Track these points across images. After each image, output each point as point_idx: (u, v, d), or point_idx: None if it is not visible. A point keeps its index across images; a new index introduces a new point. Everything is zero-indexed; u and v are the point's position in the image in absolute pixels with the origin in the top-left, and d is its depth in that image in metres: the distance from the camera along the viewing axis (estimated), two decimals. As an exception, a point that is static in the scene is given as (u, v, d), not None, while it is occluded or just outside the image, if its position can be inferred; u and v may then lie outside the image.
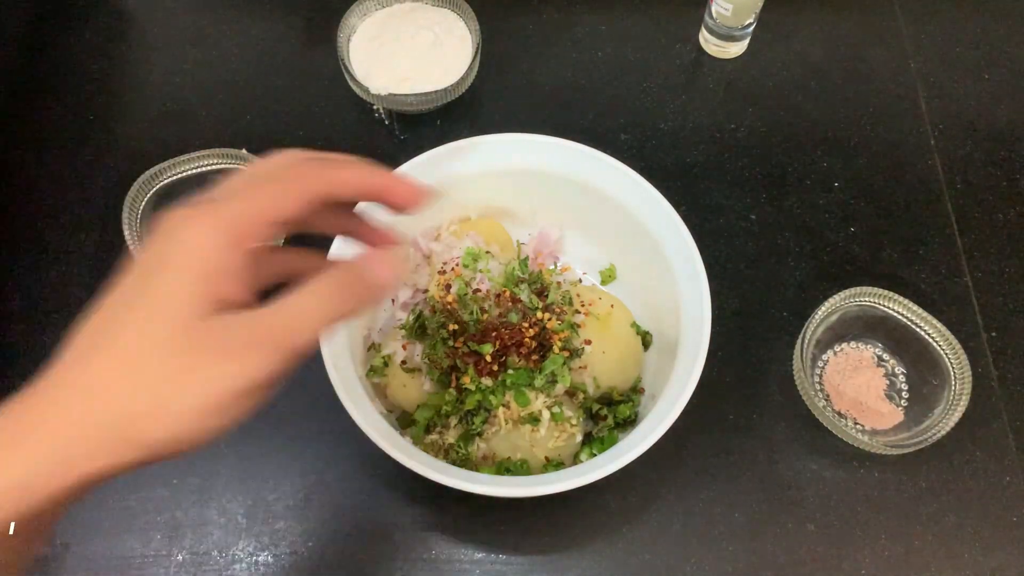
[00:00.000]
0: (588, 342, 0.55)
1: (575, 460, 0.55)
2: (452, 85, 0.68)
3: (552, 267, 0.62)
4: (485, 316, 0.55)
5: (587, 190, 0.58)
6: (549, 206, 0.62)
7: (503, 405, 0.53)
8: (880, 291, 0.60)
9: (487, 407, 0.53)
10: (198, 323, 0.29)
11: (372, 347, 0.58)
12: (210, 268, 0.30)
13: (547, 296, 0.57)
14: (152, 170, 0.64)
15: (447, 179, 0.58)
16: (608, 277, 0.63)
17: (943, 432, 0.55)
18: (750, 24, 0.73)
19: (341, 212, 0.37)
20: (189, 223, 0.30)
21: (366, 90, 0.68)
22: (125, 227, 0.62)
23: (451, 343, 0.55)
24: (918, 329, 0.59)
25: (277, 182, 0.33)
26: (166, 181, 0.64)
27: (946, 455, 0.59)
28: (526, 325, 0.54)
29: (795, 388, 0.59)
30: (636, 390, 0.58)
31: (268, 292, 0.32)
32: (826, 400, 0.60)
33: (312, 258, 0.37)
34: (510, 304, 0.56)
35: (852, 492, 0.57)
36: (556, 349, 0.54)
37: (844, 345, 0.62)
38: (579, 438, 0.55)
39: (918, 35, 0.78)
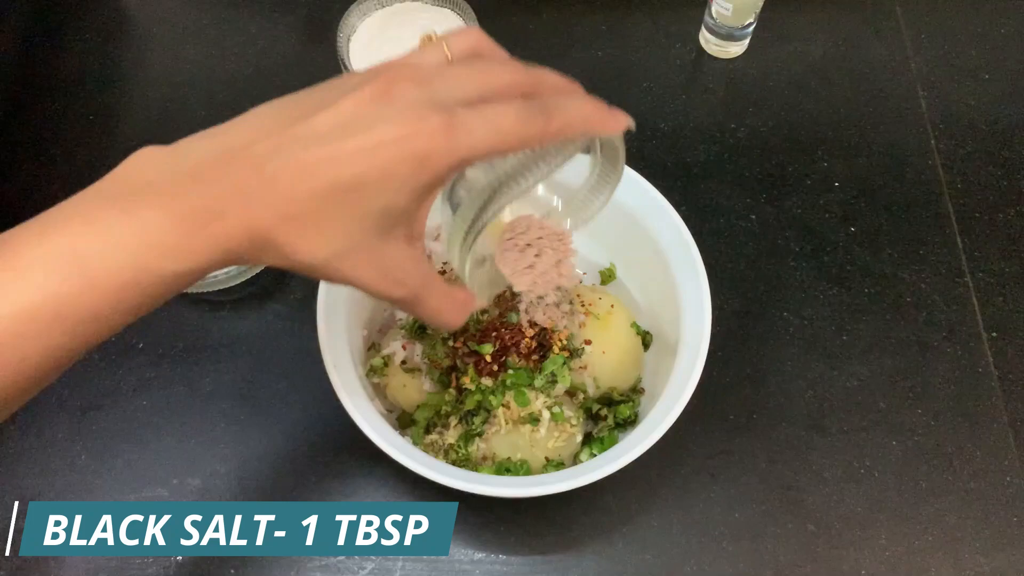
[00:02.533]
0: (588, 342, 0.55)
1: (575, 460, 0.55)
2: (452, 85, 0.68)
3: (552, 267, 0.62)
4: (485, 316, 0.55)
5: (587, 190, 0.58)
6: (549, 206, 0.62)
7: (503, 405, 0.53)
8: None
9: (487, 407, 0.53)
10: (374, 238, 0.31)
11: (372, 347, 0.58)
12: (399, 206, 0.30)
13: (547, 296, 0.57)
14: (152, 170, 0.64)
15: (447, 179, 0.57)
16: (608, 277, 0.63)
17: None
18: (750, 24, 0.73)
19: None
20: (401, 140, 0.29)
21: (366, 90, 0.68)
22: (125, 227, 0.62)
23: (451, 343, 0.55)
24: None
25: (510, 120, 0.30)
26: (166, 181, 0.64)
27: (946, 455, 0.59)
28: (526, 325, 0.54)
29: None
30: (636, 390, 0.58)
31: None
32: None
33: None
34: (510, 304, 0.56)
35: (852, 492, 0.57)
36: (556, 349, 0.54)
37: None
38: (579, 438, 0.55)
39: (918, 35, 0.78)
